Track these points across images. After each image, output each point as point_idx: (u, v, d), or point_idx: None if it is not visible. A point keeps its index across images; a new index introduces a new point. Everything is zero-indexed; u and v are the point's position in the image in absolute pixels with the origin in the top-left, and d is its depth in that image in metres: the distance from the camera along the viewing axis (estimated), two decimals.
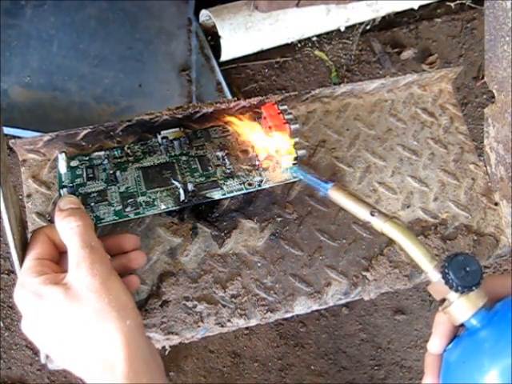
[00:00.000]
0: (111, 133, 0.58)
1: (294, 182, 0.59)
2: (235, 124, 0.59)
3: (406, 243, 0.44)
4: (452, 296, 0.42)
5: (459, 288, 0.41)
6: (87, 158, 0.57)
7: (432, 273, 0.43)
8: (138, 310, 0.45)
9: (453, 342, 0.43)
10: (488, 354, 0.39)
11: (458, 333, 0.44)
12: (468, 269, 0.41)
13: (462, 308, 0.41)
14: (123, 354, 0.42)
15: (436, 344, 0.44)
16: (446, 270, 0.41)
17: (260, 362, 1.01)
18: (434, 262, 0.43)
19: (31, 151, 0.57)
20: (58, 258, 0.48)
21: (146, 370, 0.43)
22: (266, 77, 1.21)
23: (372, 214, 0.46)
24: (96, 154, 0.57)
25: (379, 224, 0.45)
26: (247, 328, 1.01)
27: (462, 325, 0.42)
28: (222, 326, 0.54)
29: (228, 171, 0.56)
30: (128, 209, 0.53)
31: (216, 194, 0.55)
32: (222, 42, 1.12)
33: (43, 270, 0.45)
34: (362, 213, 0.47)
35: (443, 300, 0.42)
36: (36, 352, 0.93)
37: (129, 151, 0.58)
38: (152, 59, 1.09)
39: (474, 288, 0.41)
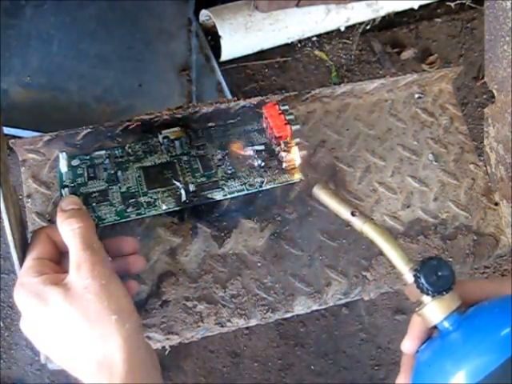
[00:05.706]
0: (111, 133, 0.58)
1: (294, 183, 0.59)
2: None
3: (384, 245, 0.44)
4: (425, 298, 0.42)
5: (429, 292, 0.41)
6: (88, 158, 0.57)
7: (407, 275, 0.43)
8: (137, 313, 0.45)
9: (425, 344, 0.44)
10: (452, 358, 0.39)
11: (432, 335, 0.44)
12: (440, 273, 0.41)
13: (434, 310, 0.41)
14: (121, 357, 0.42)
15: (408, 344, 0.44)
16: (418, 274, 0.41)
17: (260, 362, 1.01)
18: (410, 264, 0.43)
19: (31, 151, 0.57)
20: (58, 259, 0.48)
21: (143, 373, 0.43)
22: (266, 77, 1.21)
23: (353, 214, 0.47)
24: (97, 153, 0.57)
25: (359, 224, 0.46)
26: (247, 328, 1.01)
27: (436, 327, 0.42)
28: (222, 326, 0.54)
29: (229, 172, 0.56)
30: (129, 209, 0.53)
31: (217, 195, 0.55)
32: (222, 42, 1.12)
33: (43, 269, 0.45)
34: (343, 212, 0.47)
35: (419, 302, 0.43)
36: (36, 352, 0.93)
37: (130, 151, 0.58)
38: (152, 59, 1.08)
39: (444, 293, 0.41)
